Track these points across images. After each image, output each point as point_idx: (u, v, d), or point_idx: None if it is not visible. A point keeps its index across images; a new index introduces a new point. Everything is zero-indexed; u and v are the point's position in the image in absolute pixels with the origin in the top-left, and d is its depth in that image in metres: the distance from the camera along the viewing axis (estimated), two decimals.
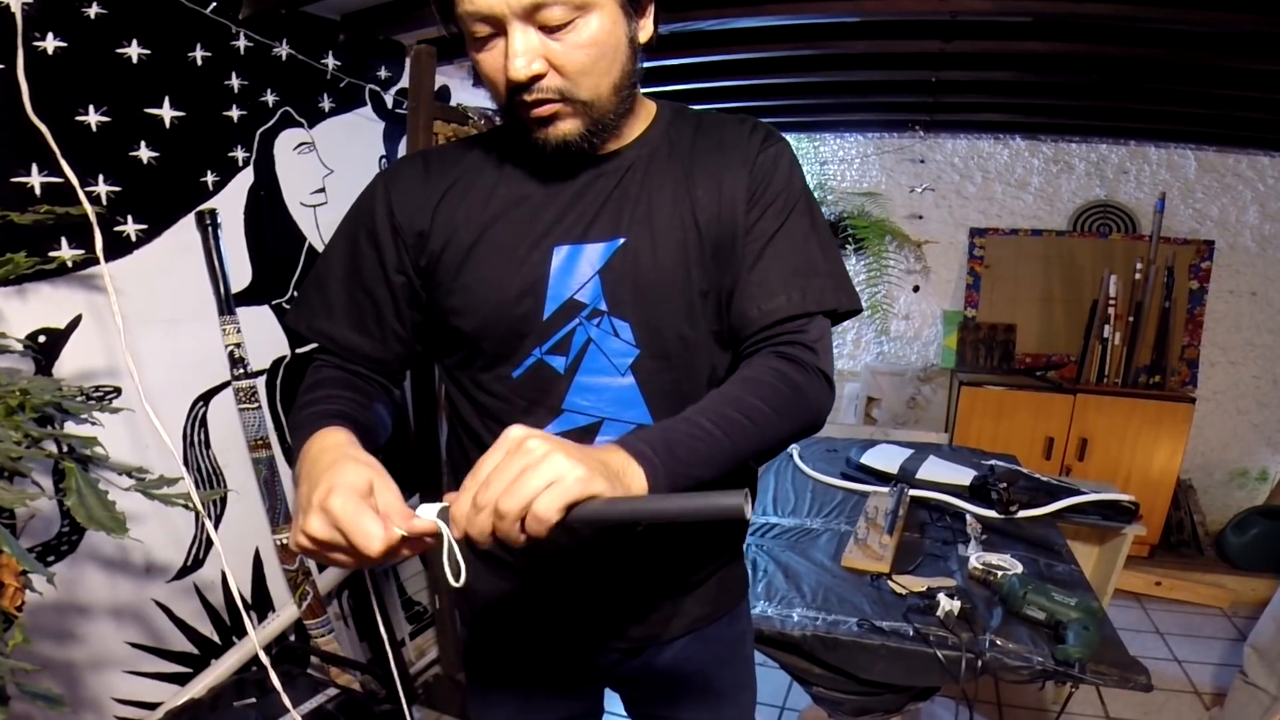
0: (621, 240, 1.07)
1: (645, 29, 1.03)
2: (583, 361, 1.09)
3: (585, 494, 0.76)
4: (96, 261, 1.55)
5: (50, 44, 1.61)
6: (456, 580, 0.80)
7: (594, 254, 1.07)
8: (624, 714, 1.45)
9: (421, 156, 1.16)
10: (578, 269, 1.07)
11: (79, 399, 1.28)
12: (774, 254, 1.09)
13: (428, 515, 0.81)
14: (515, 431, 0.80)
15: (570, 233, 1.07)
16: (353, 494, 0.80)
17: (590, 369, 1.09)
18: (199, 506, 1.23)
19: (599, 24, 0.94)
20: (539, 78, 0.94)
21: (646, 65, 1.09)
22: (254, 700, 1.90)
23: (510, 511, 0.76)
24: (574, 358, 1.09)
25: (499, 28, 0.92)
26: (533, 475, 0.76)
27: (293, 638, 2.32)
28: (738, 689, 1.40)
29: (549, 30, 0.92)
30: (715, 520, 0.76)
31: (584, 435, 1.11)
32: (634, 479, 0.83)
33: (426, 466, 2.67)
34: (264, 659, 1.41)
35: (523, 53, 0.92)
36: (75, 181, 1.44)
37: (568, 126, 0.99)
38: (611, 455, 0.84)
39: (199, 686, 1.98)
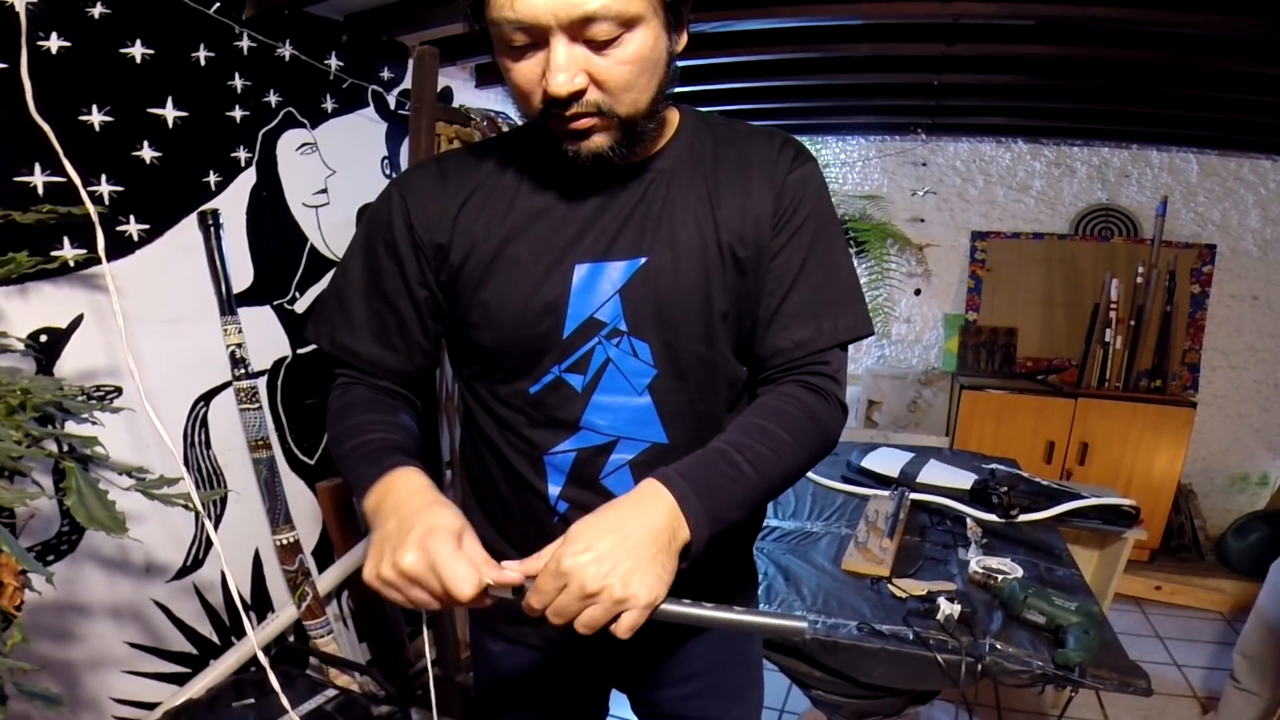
0: (643, 260, 1.05)
1: (682, 40, 1.00)
2: (601, 381, 1.08)
3: (654, 601, 0.85)
4: (98, 261, 1.55)
5: (54, 43, 1.61)
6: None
7: (615, 273, 1.05)
8: (630, 714, 1.45)
9: (436, 163, 1.13)
10: (598, 287, 1.05)
11: (80, 398, 1.28)
12: (805, 284, 1.08)
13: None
14: (571, 564, 0.84)
15: (592, 250, 1.05)
16: (450, 538, 0.86)
17: (608, 388, 1.08)
18: (199, 507, 1.23)
19: (644, 39, 0.91)
20: (579, 93, 0.91)
21: None
22: (253, 701, 1.90)
23: (593, 629, 0.84)
24: (592, 377, 1.08)
25: (540, 39, 0.89)
26: (608, 604, 0.83)
27: (292, 638, 2.32)
28: (746, 688, 1.40)
29: (593, 44, 0.89)
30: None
31: (600, 452, 1.11)
32: (682, 530, 0.90)
33: (427, 465, 2.67)
34: (263, 659, 1.41)
35: (566, 67, 0.88)
36: (78, 181, 1.44)
37: (601, 140, 0.96)
38: (665, 515, 0.89)
39: (197, 687, 1.98)
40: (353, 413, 1.10)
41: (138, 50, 1.77)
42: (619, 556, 0.84)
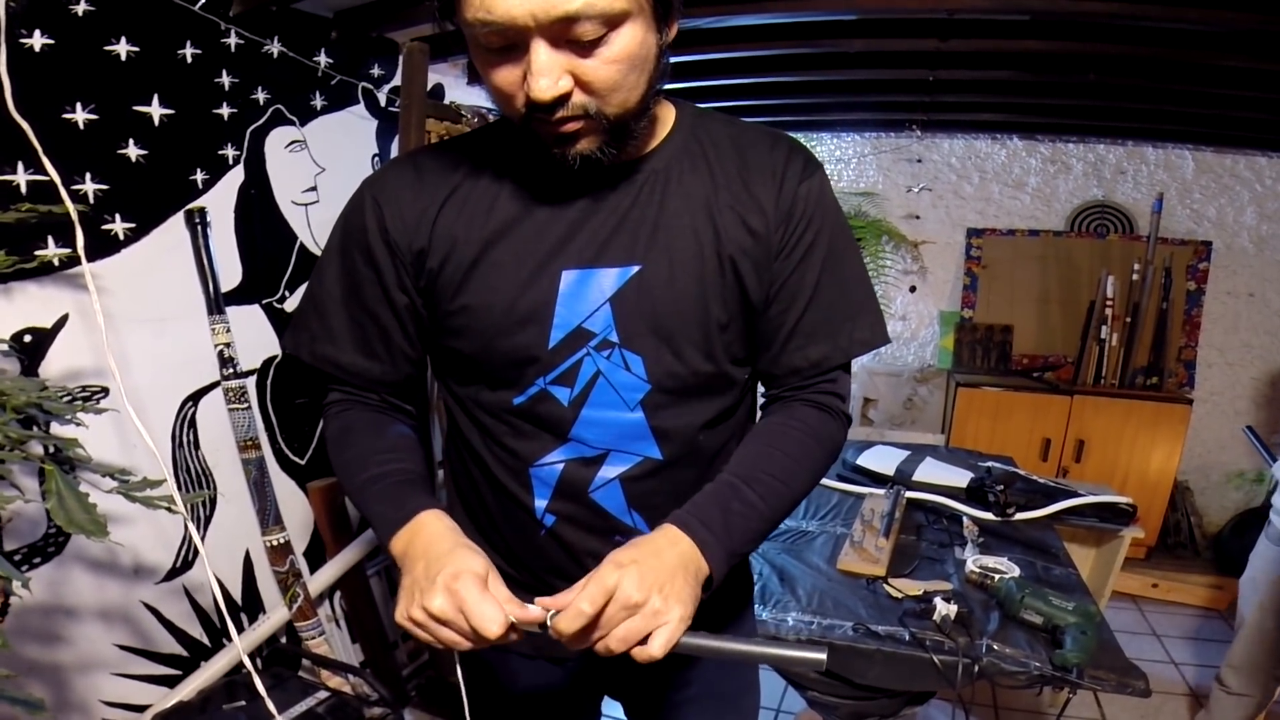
0: (637, 267, 1.00)
1: (672, 31, 0.94)
2: (590, 395, 1.04)
3: (678, 635, 0.86)
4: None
5: (38, 41, 1.59)
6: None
7: (606, 280, 1.00)
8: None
9: (411, 162, 1.07)
10: (588, 295, 1.00)
11: (65, 399, 1.26)
12: (820, 301, 1.06)
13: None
14: (612, 580, 0.86)
15: (581, 255, 1.00)
16: (476, 581, 0.87)
17: (598, 403, 1.04)
18: (181, 509, 1.21)
19: (631, 36, 0.85)
20: (564, 96, 0.85)
21: None
22: (244, 703, 1.88)
23: (626, 644, 0.85)
24: (581, 390, 1.04)
25: (519, 40, 0.83)
26: (638, 625, 0.85)
27: (284, 640, 2.30)
28: (740, 694, 1.37)
29: (576, 45, 0.83)
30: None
31: (588, 465, 1.08)
32: (704, 568, 0.93)
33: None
34: (249, 665, 1.39)
35: (548, 71, 0.83)
36: (58, 179, 1.41)
37: (589, 143, 0.91)
38: (686, 554, 0.92)
39: (188, 689, 1.96)
40: (353, 440, 1.09)
41: (123, 47, 1.75)
42: (660, 573, 0.87)
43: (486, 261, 1.01)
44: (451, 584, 0.86)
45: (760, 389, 1.20)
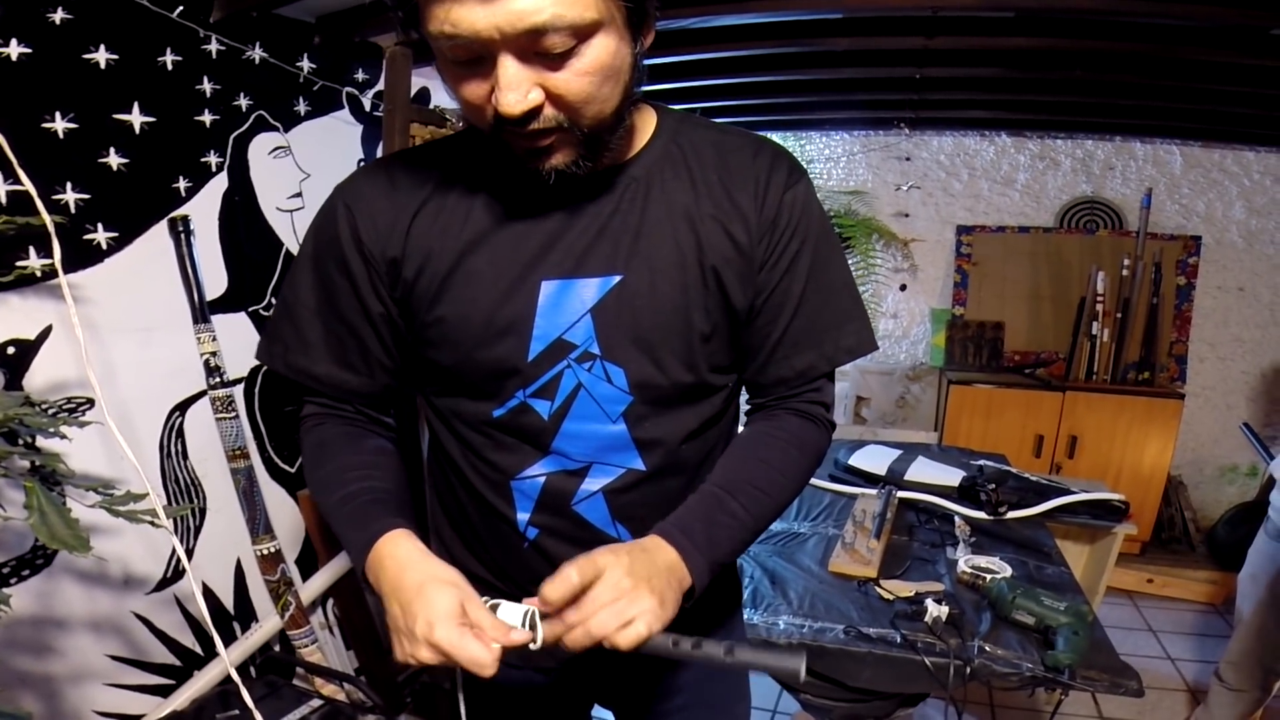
0: (618, 278, 0.98)
1: (648, 39, 0.91)
2: (571, 407, 1.02)
3: (662, 627, 0.86)
4: (66, 270, 1.52)
5: (14, 50, 1.58)
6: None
7: (587, 291, 0.98)
8: None
9: (384, 169, 1.05)
10: (568, 306, 0.98)
11: (49, 411, 1.25)
12: (805, 311, 1.06)
13: (511, 615, 0.91)
14: (604, 561, 0.87)
15: (561, 265, 0.98)
16: (453, 623, 0.85)
17: (579, 415, 1.02)
18: (164, 523, 1.20)
19: (603, 47, 0.82)
20: (535, 110, 0.83)
21: None
22: (237, 712, 1.87)
23: (600, 637, 0.84)
24: (561, 403, 1.02)
25: (486, 54, 0.80)
26: (625, 607, 0.84)
27: (278, 647, 2.29)
28: (733, 701, 1.37)
29: (545, 57, 0.80)
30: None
31: (571, 477, 1.06)
32: (686, 579, 0.93)
33: (409, 470, 2.64)
34: (236, 678, 1.38)
35: (515, 86, 0.80)
36: (33, 190, 1.39)
37: (563, 157, 0.89)
38: (671, 562, 0.92)
39: (181, 699, 1.95)
40: (327, 456, 1.06)
41: (101, 55, 1.73)
42: (648, 567, 0.89)
43: (463, 272, 0.99)
44: (430, 636, 0.84)
45: (744, 397, 1.19)
